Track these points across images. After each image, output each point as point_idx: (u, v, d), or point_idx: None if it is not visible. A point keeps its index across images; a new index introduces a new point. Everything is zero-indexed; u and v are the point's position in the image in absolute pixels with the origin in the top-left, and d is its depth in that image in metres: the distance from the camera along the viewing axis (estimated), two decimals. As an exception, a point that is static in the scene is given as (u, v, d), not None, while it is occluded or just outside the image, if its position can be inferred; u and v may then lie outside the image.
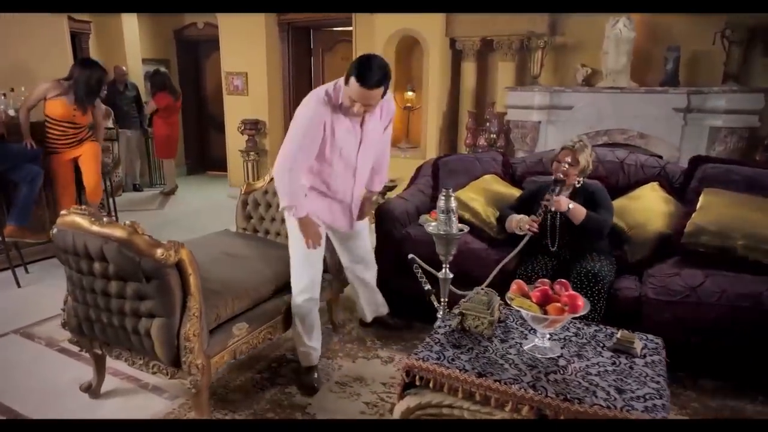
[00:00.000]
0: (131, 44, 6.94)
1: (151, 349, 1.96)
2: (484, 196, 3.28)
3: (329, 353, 2.76)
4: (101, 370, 2.35)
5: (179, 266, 1.90)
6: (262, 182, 3.08)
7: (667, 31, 4.18)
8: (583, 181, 2.77)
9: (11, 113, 3.92)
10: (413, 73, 5.29)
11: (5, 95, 4.02)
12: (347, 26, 5.81)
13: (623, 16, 4.06)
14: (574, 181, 2.76)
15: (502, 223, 2.94)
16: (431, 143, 4.99)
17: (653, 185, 3.13)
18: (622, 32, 4.01)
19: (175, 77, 7.53)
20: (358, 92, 2.13)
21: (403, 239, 3.14)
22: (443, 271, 2.39)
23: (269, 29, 5.84)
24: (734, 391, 2.42)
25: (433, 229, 2.33)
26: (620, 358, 1.85)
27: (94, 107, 3.99)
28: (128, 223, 1.84)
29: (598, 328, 2.07)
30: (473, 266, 2.83)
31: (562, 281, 1.96)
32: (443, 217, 2.29)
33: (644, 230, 2.86)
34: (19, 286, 3.64)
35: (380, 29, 4.94)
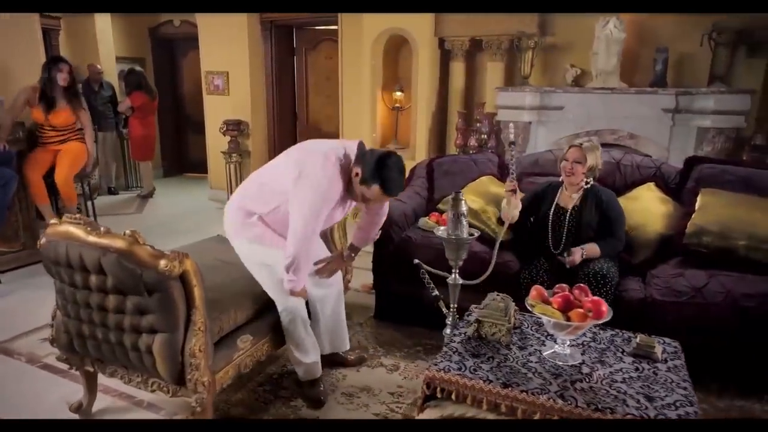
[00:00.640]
0: (104, 42, 6.67)
1: (152, 366, 1.84)
2: (483, 197, 3.24)
3: (331, 362, 2.67)
4: (92, 388, 2.21)
5: (183, 278, 1.78)
6: None
7: (654, 32, 4.22)
8: (593, 183, 2.73)
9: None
10: (401, 73, 5.23)
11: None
12: (331, 25, 5.71)
13: (613, 16, 4.08)
14: (581, 179, 2.69)
15: (503, 223, 2.91)
16: (421, 144, 4.93)
17: (649, 185, 3.14)
18: (612, 33, 4.03)
19: (150, 76, 7.26)
20: (378, 197, 2.10)
21: (402, 243, 3.07)
22: (453, 276, 2.34)
23: (251, 28, 5.69)
24: (739, 391, 2.43)
25: (442, 233, 2.27)
26: (642, 363, 1.82)
27: (82, 109, 3.90)
28: (128, 232, 1.72)
29: (614, 332, 2.05)
30: (476, 268, 2.77)
31: (581, 286, 1.92)
32: (453, 221, 2.24)
33: (645, 231, 2.86)
34: (-8, 298, 3.42)
35: (368, 28, 4.86)
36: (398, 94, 5.03)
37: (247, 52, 5.70)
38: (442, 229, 2.30)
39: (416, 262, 2.46)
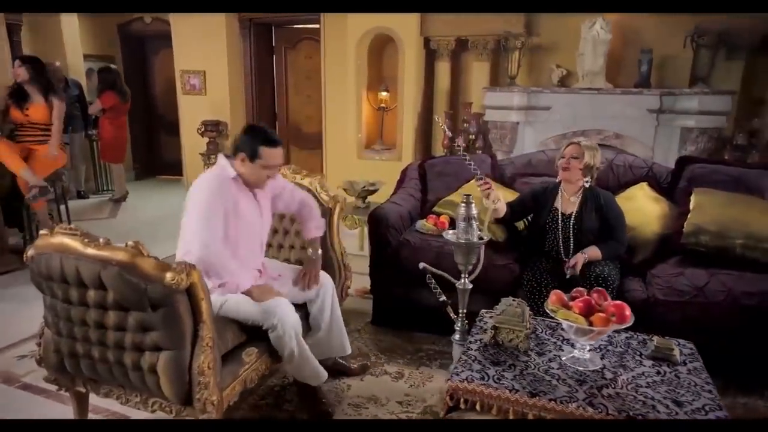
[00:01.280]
0: (71, 38, 6.35)
1: (155, 386, 1.72)
2: (476, 200, 3.19)
3: (334, 372, 2.58)
4: (84, 409, 2.05)
5: (189, 291, 1.67)
6: None
7: (637, 34, 4.29)
8: (591, 185, 2.71)
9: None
10: (385, 72, 5.16)
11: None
12: (311, 23, 5.60)
13: (599, 17, 4.12)
14: (578, 177, 2.65)
15: (501, 224, 2.89)
16: (407, 144, 4.88)
17: (642, 185, 3.17)
18: (599, 34, 4.06)
19: (120, 75, 6.97)
20: (270, 156, 2.07)
21: (400, 247, 3.00)
22: (462, 281, 2.29)
23: (230, 26, 5.52)
24: (741, 389, 2.45)
25: (452, 237, 2.22)
26: (662, 366, 1.81)
27: (57, 100, 3.73)
28: (131, 243, 1.59)
29: (629, 334, 2.03)
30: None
31: (599, 290, 1.90)
32: (463, 225, 2.19)
33: (643, 231, 2.88)
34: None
35: (353, 27, 4.77)
36: (384, 94, 4.95)
37: (225, 50, 5.53)
38: (451, 232, 2.25)
39: (422, 266, 2.40)
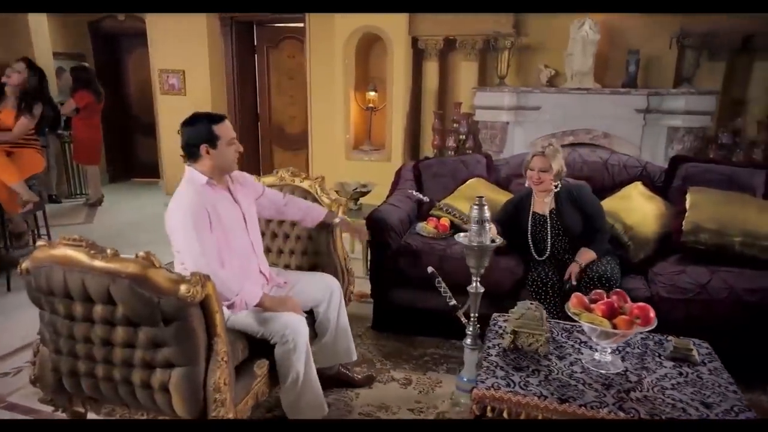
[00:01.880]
0: (40, 36, 6.04)
1: (166, 405, 1.62)
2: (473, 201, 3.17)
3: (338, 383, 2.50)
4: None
5: (203, 303, 1.58)
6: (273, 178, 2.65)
7: (623, 35, 4.35)
8: (561, 184, 2.73)
9: None
10: (371, 72, 5.10)
11: None
12: (293, 22, 5.49)
13: (587, 18, 4.15)
14: (550, 186, 2.71)
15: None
16: (396, 145, 4.83)
17: (637, 184, 3.20)
18: (588, 34, 4.10)
19: (94, 74, 6.70)
20: (226, 131, 1.98)
21: (402, 250, 2.95)
22: (474, 285, 2.25)
23: (210, 24, 5.36)
24: (744, 385, 2.47)
25: (465, 240, 2.18)
26: (683, 367, 1.81)
27: (25, 114, 3.56)
28: (142, 254, 1.49)
29: (644, 335, 2.03)
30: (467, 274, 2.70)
31: (619, 291, 1.89)
32: (476, 227, 2.15)
33: (643, 230, 2.89)
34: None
35: (340, 27, 4.69)
36: (372, 94, 4.89)
37: (206, 49, 5.37)
38: (462, 235, 2.21)
39: (431, 270, 2.35)
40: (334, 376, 2.41)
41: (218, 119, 1.99)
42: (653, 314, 1.73)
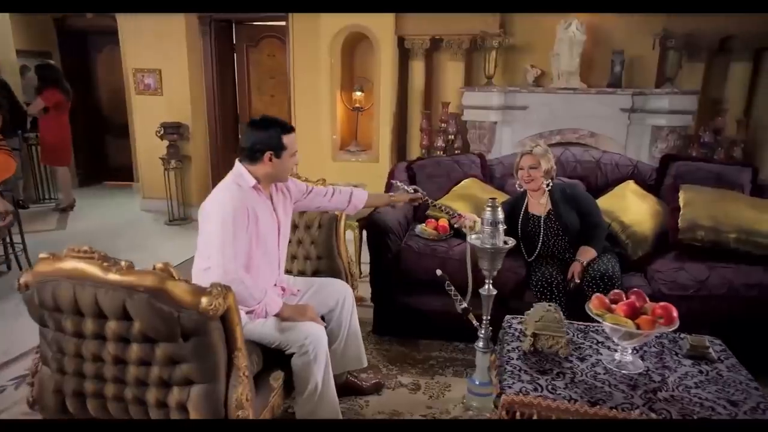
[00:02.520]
0: (1, 33, 5.75)
1: (184, 424, 1.53)
2: (471, 202, 3.15)
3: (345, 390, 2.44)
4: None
5: (224, 316, 1.49)
6: None
7: (608, 35, 4.41)
8: (552, 183, 2.77)
9: None
10: (357, 72, 5.03)
11: None
12: (274, 21, 5.37)
13: (574, 18, 4.19)
14: (541, 184, 2.74)
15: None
16: (384, 145, 4.77)
17: (629, 183, 3.25)
18: (575, 35, 4.14)
19: (61, 72, 6.40)
20: (292, 142, 1.98)
21: (402, 253, 2.91)
22: (487, 287, 2.22)
23: (188, 22, 5.18)
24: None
25: (477, 242, 2.15)
26: (702, 365, 1.83)
27: None
28: (160, 266, 1.40)
29: (658, 333, 2.04)
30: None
31: (636, 291, 1.89)
32: (489, 229, 2.12)
33: (640, 228, 2.93)
34: None
35: (326, 26, 4.61)
36: (358, 94, 4.82)
37: (184, 48, 5.19)
38: (474, 237, 2.19)
39: (439, 273, 2.32)
40: (342, 384, 2.34)
41: (289, 129, 1.99)
42: (676, 313, 1.73)
